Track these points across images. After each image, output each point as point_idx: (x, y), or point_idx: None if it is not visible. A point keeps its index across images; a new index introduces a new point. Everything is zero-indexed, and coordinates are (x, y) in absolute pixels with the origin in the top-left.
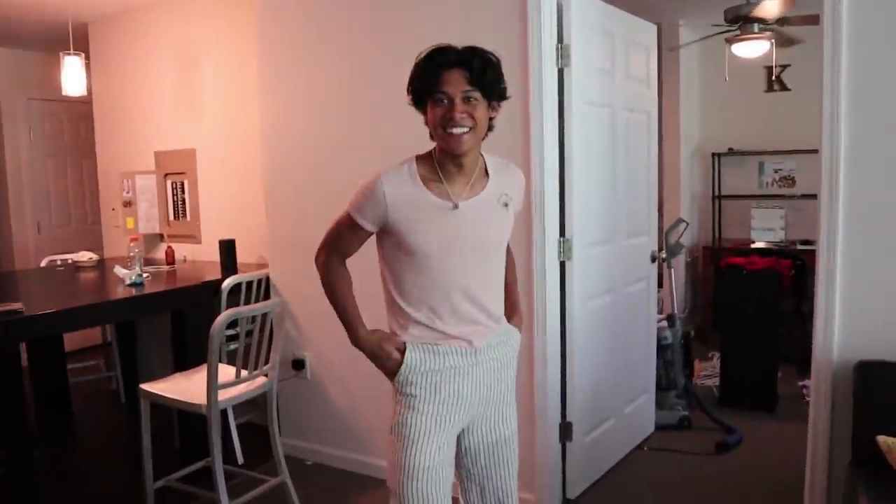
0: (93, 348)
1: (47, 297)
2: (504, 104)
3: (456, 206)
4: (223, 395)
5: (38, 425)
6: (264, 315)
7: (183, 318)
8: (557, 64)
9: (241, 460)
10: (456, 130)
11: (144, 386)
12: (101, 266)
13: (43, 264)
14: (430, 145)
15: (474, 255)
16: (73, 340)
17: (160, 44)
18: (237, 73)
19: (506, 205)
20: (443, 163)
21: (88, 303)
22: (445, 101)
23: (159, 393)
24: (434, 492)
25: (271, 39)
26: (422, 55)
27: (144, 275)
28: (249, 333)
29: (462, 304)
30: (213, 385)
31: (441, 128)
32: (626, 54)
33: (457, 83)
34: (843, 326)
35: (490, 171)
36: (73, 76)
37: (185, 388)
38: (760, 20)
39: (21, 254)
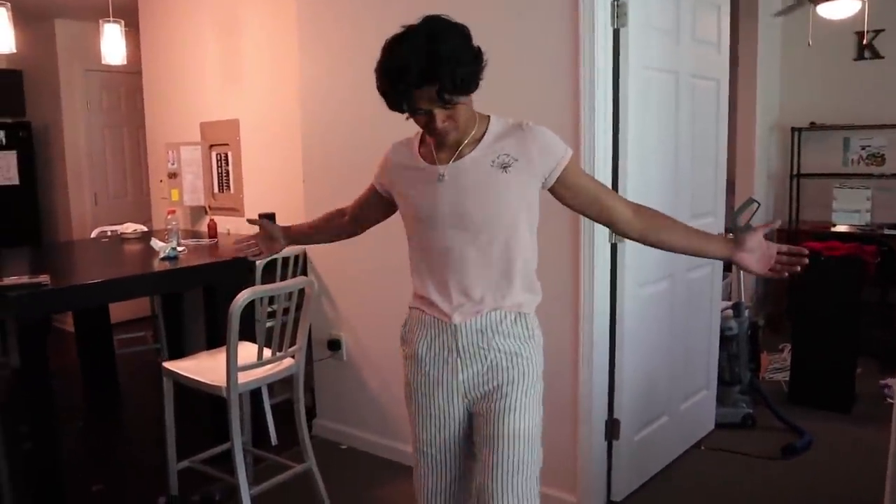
0: (141, 319)
1: (82, 268)
2: (550, 70)
3: (442, 177)
4: (244, 377)
5: (84, 396)
6: (291, 294)
7: (215, 293)
8: (613, 24)
9: (274, 441)
10: (439, 136)
11: (167, 364)
12: (147, 238)
13: (93, 235)
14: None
15: (456, 237)
16: (121, 311)
17: (205, 13)
18: (279, 41)
19: (505, 166)
20: (431, 138)
21: (115, 276)
22: (424, 113)
23: (180, 372)
24: (424, 476)
25: (312, 5)
26: (380, 68)
27: (180, 248)
28: (278, 312)
29: (448, 282)
30: (232, 367)
31: (426, 131)
32: (693, 13)
33: (431, 99)
34: None
35: (488, 135)
36: (112, 44)
37: (209, 367)
38: None
39: (78, 224)
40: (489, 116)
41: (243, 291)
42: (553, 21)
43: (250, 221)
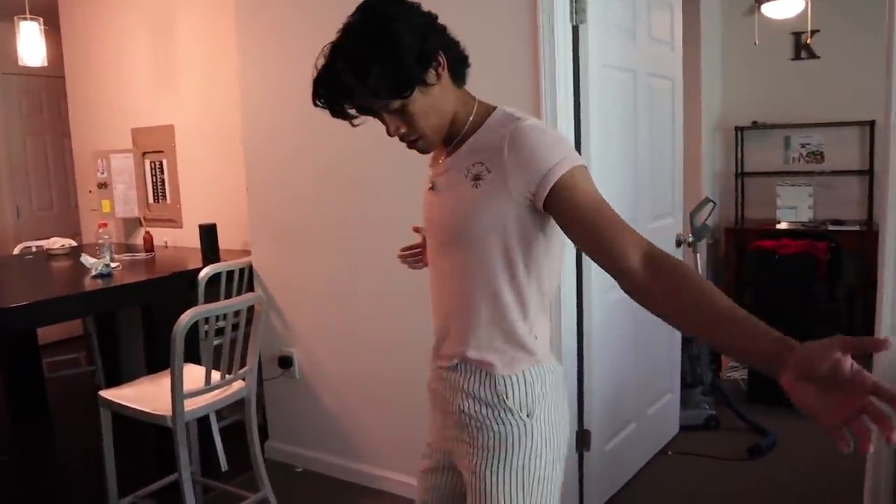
0: (73, 339)
1: (4, 289)
2: (510, 68)
3: (433, 187)
4: (191, 404)
5: (10, 426)
6: (239, 311)
7: (153, 312)
8: (571, 20)
9: (224, 467)
10: (408, 145)
11: (104, 393)
12: (76, 254)
13: (16, 251)
14: None
15: (433, 257)
16: (50, 331)
17: (133, 9)
18: (215, 39)
19: (476, 178)
20: None
21: (42, 298)
22: (376, 116)
23: (120, 402)
24: None
25: (251, 3)
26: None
27: (114, 264)
28: (226, 331)
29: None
30: (178, 395)
31: None
32: (647, 11)
33: (362, 108)
34: None
35: (477, 134)
36: (30, 44)
37: (151, 394)
38: None
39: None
40: (495, 108)
41: (187, 312)
42: (510, 18)
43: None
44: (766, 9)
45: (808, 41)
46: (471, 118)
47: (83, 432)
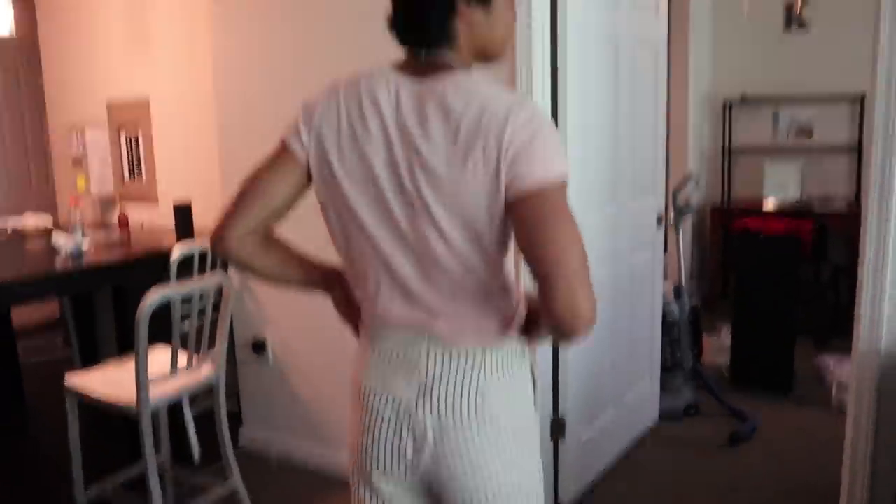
0: (51, 324)
1: None
2: None
3: None
4: (157, 390)
5: None
6: (207, 293)
7: (125, 294)
8: None
9: (197, 458)
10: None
11: (69, 378)
12: (49, 233)
13: None
14: None
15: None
16: (27, 315)
17: None
18: (191, 8)
19: None
20: None
21: (6, 279)
22: None
23: (83, 391)
24: None
25: None
26: None
27: (85, 244)
28: (193, 314)
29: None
30: (142, 381)
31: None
32: None
33: None
34: None
35: None
36: None
37: (116, 380)
38: None
39: None
40: None
41: (150, 293)
42: None
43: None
44: None
45: (800, 11)
46: None
47: (59, 420)
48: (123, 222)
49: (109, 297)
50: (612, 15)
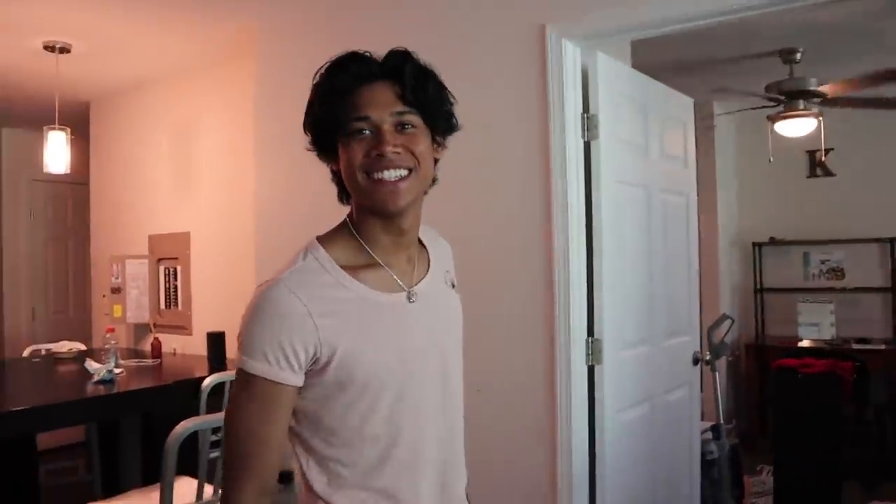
0: (73, 446)
1: (6, 393)
2: (520, 182)
3: (411, 298)
4: None
5: None
6: None
7: (153, 421)
8: (583, 136)
9: None
10: (388, 174)
11: None
12: (83, 357)
13: (25, 353)
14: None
15: (441, 389)
16: (50, 436)
17: (157, 123)
18: (233, 152)
19: (452, 285)
20: (372, 234)
21: (40, 403)
22: (368, 133)
23: None
24: None
25: (268, 117)
26: (323, 67)
27: (118, 370)
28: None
29: (433, 487)
30: None
31: (364, 173)
32: (661, 129)
33: (384, 103)
34: None
35: (422, 239)
36: (56, 152)
37: None
38: (812, 94)
39: (13, 341)
40: None
41: (182, 423)
42: (522, 133)
43: None
44: (778, 127)
45: (823, 159)
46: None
47: None
48: (156, 349)
49: (136, 422)
50: (643, 165)
